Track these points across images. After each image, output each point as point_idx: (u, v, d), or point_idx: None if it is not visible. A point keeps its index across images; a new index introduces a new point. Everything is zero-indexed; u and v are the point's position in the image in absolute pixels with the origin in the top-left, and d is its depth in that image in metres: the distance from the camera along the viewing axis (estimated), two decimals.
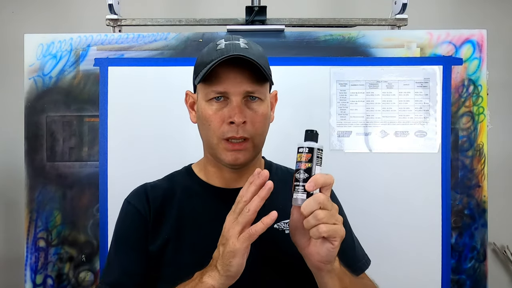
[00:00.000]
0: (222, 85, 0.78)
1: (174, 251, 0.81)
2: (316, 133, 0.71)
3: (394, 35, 1.37)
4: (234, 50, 0.77)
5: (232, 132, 0.78)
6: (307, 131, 0.72)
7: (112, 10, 1.42)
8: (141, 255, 0.82)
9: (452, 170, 1.33)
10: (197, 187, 0.87)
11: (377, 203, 1.32)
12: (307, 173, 0.69)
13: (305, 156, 0.69)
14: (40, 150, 1.34)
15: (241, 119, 0.77)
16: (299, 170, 0.69)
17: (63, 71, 1.35)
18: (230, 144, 0.79)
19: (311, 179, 0.68)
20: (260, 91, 0.80)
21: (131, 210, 0.86)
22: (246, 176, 0.85)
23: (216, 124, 0.79)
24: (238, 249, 0.66)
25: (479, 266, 1.33)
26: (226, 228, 0.70)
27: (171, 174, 0.93)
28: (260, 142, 0.83)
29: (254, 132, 0.79)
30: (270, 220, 0.65)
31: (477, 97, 1.34)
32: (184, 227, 0.83)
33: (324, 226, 0.65)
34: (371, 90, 1.35)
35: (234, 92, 0.78)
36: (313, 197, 0.67)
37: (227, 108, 0.78)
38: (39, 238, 1.33)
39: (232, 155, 0.79)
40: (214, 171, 0.87)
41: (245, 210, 0.67)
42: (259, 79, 0.79)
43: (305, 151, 0.70)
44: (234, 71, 0.77)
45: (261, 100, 0.81)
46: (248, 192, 0.68)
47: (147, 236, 0.83)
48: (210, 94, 0.79)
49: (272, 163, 0.95)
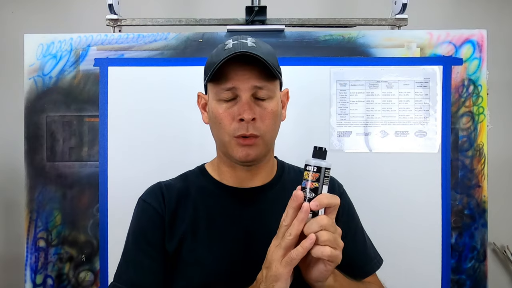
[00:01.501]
0: (230, 82, 0.79)
1: (189, 251, 0.81)
2: (324, 150, 0.69)
3: (394, 35, 1.37)
4: (241, 48, 0.78)
5: (242, 129, 0.78)
6: (315, 148, 0.69)
7: (112, 10, 1.42)
8: (160, 254, 0.82)
9: (452, 170, 1.33)
10: (212, 186, 0.88)
11: (377, 203, 1.32)
12: (314, 193, 0.68)
13: (313, 175, 0.68)
14: (40, 150, 1.34)
15: (250, 115, 0.77)
16: (305, 188, 0.68)
17: (63, 71, 1.35)
18: (240, 139, 0.79)
19: (316, 199, 0.67)
20: (268, 87, 0.80)
21: (147, 208, 0.85)
22: (259, 175, 0.86)
23: (227, 122, 0.80)
24: (281, 273, 0.66)
25: (479, 266, 1.33)
26: (270, 252, 0.70)
27: (184, 174, 0.93)
28: (271, 139, 0.83)
29: (264, 129, 0.80)
30: (309, 244, 0.65)
31: (477, 97, 1.34)
32: (199, 227, 0.83)
33: (329, 249, 0.65)
34: (371, 90, 1.35)
35: (243, 88, 0.78)
36: (316, 219, 0.66)
37: (237, 105, 0.79)
38: (39, 238, 1.33)
39: (243, 151, 0.79)
40: (227, 170, 0.87)
41: (286, 234, 0.67)
42: (267, 75, 0.79)
43: (313, 170, 0.68)
44: (242, 68, 0.78)
45: (271, 97, 0.81)
46: (288, 216, 0.68)
47: (164, 235, 0.82)
48: (220, 92, 0.80)
49: (285, 163, 0.95)
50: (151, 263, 0.81)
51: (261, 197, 0.86)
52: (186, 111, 1.33)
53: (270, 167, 0.89)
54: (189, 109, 1.33)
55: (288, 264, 0.66)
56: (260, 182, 0.87)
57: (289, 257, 0.66)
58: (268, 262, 0.69)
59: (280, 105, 0.85)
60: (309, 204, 0.66)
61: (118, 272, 0.84)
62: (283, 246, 0.67)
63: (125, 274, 0.83)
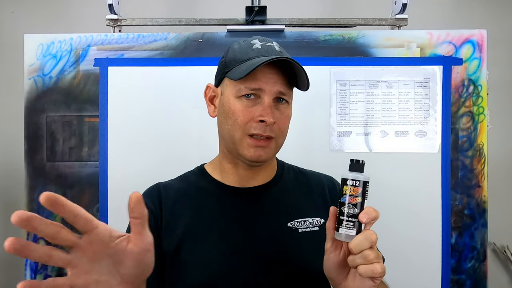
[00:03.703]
0: (257, 82, 0.78)
1: (189, 251, 0.81)
2: (362, 163, 0.67)
3: (394, 35, 1.37)
4: (272, 52, 0.79)
5: (260, 130, 0.78)
6: (352, 161, 0.67)
7: (112, 10, 1.42)
8: (155, 255, 0.82)
9: (452, 170, 1.33)
10: (211, 186, 0.88)
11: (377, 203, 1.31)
12: (357, 208, 0.65)
13: (355, 189, 0.65)
14: (40, 150, 1.34)
15: (273, 119, 0.78)
16: (348, 204, 0.65)
17: (63, 71, 1.35)
18: (254, 140, 0.79)
19: (365, 211, 0.65)
20: (289, 94, 0.82)
21: None
22: (260, 175, 0.87)
23: (243, 119, 0.79)
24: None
25: (479, 266, 1.33)
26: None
27: (184, 175, 0.93)
28: (282, 143, 0.84)
29: (279, 132, 0.81)
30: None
31: (477, 97, 1.34)
32: (199, 226, 0.83)
33: (379, 266, 0.63)
34: (371, 90, 1.35)
35: (269, 91, 0.79)
36: (365, 235, 0.64)
37: (258, 106, 0.79)
38: (39, 238, 1.33)
39: (256, 152, 0.80)
40: (229, 167, 0.87)
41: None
42: (291, 82, 0.81)
43: (355, 184, 0.66)
44: (270, 71, 0.79)
45: (288, 103, 0.83)
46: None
47: (159, 235, 0.82)
48: (243, 91, 0.79)
49: (284, 163, 0.95)
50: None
51: (261, 196, 0.86)
52: (186, 111, 1.33)
53: (271, 166, 0.90)
54: (189, 109, 1.33)
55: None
56: (260, 181, 0.87)
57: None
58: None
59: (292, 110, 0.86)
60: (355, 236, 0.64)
61: None
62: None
63: None
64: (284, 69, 0.79)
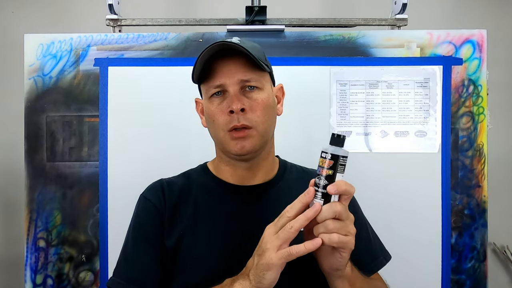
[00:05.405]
0: (217, 79, 0.80)
1: (189, 247, 0.81)
2: (343, 138, 0.67)
3: (394, 35, 1.37)
4: (223, 45, 0.79)
5: (234, 121, 0.79)
6: (333, 135, 0.67)
7: (112, 10, 1.42)
8: (158, 250, 0.82)
9: (452, 170, 1.33)
10: (213, 184, 0.88)
11: (377, 203, 1.32)
12: (327, 181, 0.66)
13: (328, 162, 0.66)
14: (40, 150, 1.34)
15: (239, 106, 0.78)
16: (320, 176, 0.67)
17: (63, 71, 1.35)
18: (233, 132, 0.80)
19: (335, 183, 0.65)
20: (256, 79, 0.81)
21: (148, 205, 0.86)
22: (259, 173, 0.87)
23: (219, 117, 0.81)
24: (274, 264, 0.65)
25: (479, 266, 1.33)
26: (264, 240, 0.68)
27: (187, 172, 0.93)
28: (265, 131, 0.83)
29: (256, 119, 0.80)
30: (313, 247, 0.64)
31: (477, 97, 1.34)
32: (199, 224, 0.83)
33: (336, 236, 0.64)
34: (371, 90, 1.35)
35: (230, 82, 0.80)
36: (330, 205, 0.65)
37: (226, 99, 0.80)
38: (39, 238, 1.33)
39: (238, 144, 0.80)
40: (227, 169, 0.88)
41: (287, 226, 0.66)
42: (253, 67, 0.80)
43: (328, 157, 0.66)
44: (227, 63, 0.80)
45: (260, 89, 0.82)
46: (293, 208, 0.67)
47: (163, 231, 0.83)
48: (210, 90, 0.82)
49: (287, 162, 0.95)
50: (149, 259, 0.82)
51: (262, 195, 0.86)
52: (186, 111, 1.33)
53: (270, 165, 0.90)
54: (189, 109, 1.33)
55: (284, 257, 0.65)
56: (260, 180, 0.87)
57: (287, 252, 0.65)
58: (261, 249, 0.68)
59: (273, 98, 0.85)
60: (322, 206, 0.65)
61: (117, 267, 0.85)
62: (281, 237, 0.66)
63: (124, 269, 0.84)
64: (241, 56, 0.79)
